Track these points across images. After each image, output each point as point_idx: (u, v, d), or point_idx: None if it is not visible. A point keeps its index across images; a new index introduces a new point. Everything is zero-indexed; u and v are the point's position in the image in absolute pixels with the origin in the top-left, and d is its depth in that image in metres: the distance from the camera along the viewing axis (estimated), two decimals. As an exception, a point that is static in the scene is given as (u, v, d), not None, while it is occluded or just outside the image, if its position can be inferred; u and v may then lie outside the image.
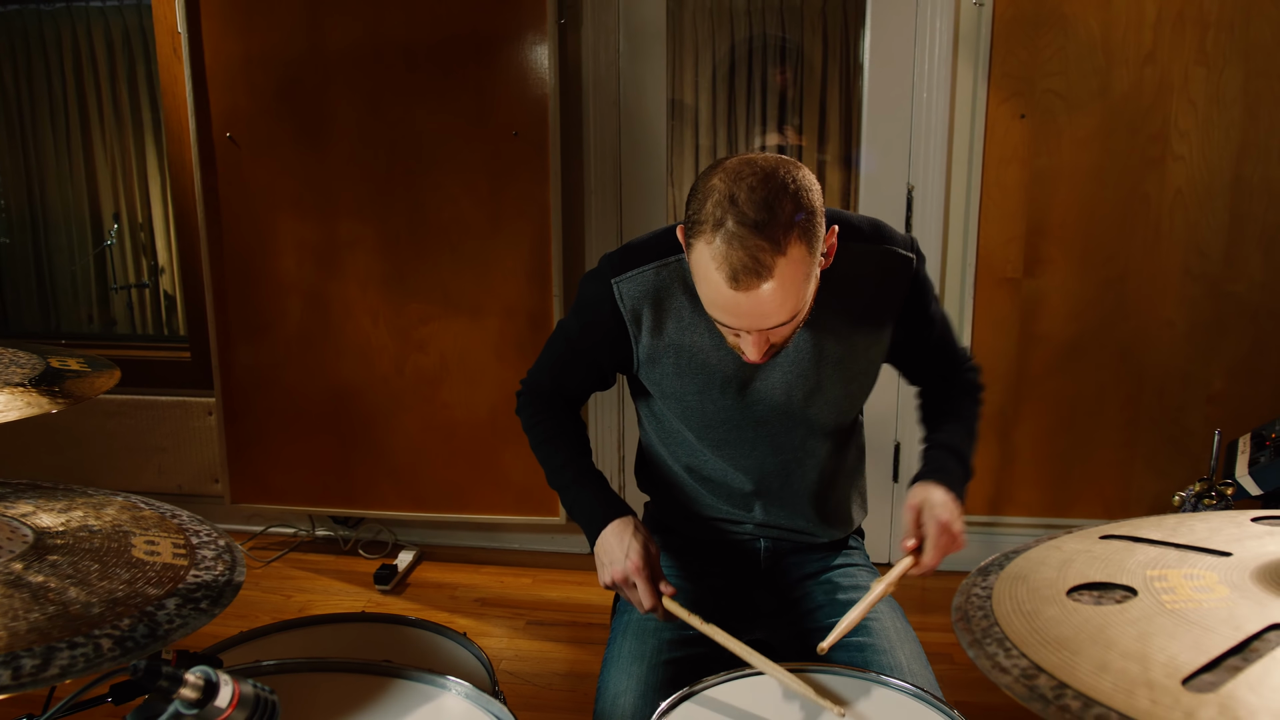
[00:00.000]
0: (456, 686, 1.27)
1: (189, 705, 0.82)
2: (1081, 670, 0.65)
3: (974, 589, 0.83)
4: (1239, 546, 0.81)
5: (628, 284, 1.53)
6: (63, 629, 0.89)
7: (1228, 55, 2.89)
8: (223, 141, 3.27)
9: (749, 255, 1.24)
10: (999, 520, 3.32)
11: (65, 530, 1.09)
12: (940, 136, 3.11)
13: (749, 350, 1.37)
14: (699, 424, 1.61)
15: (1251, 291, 3.04)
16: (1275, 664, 0.63)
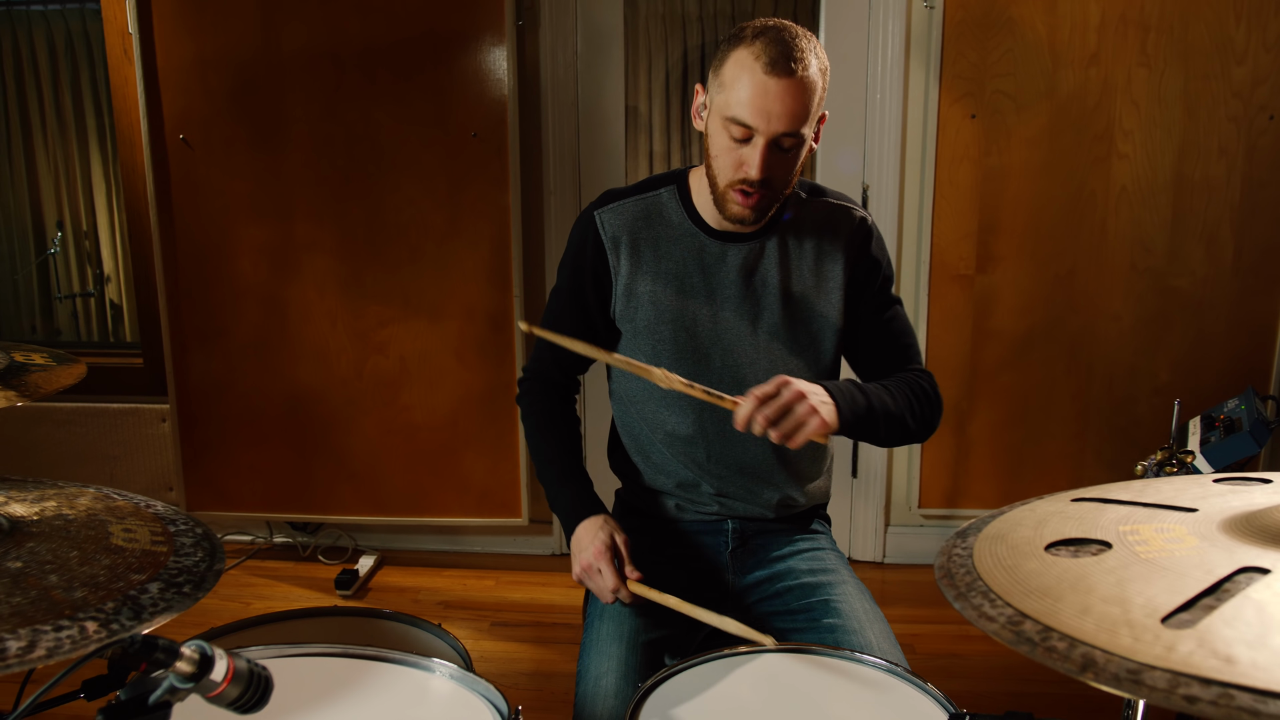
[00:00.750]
0: (442, 668, 1.27)
1: (184, 679, 0.82)
2: (1064, 615, 0.68)
3: (954, 549, 0.86)
4: (1204, 503, 0.85)
5: (609, 213, 1.67)
6: (46, 613, 0.88)
7: (1168, 57, 2.99)
8: (176, 144, 3.22)
9: (786, 49, 1.43)
10: (956, 513, 3.39)
11: (40, 519, 1.07)
12: (894, 136, 3.18)
13: (753, 161, 1.47)
14: (671, 355, 1.66)
15: (1194, 286, 3.14)
16: (1247, 601, 0.66)
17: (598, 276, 1.68)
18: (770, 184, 1.50)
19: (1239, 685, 0.57)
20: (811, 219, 1.66)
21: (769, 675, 1.31)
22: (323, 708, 1.21)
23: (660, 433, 1.73)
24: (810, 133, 1.51)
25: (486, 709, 1.19)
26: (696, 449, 1.71)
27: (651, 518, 1.79)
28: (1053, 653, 0.64)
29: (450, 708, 1.22)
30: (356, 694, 1.23)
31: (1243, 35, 2.96)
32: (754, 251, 1.64)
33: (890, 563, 3.47)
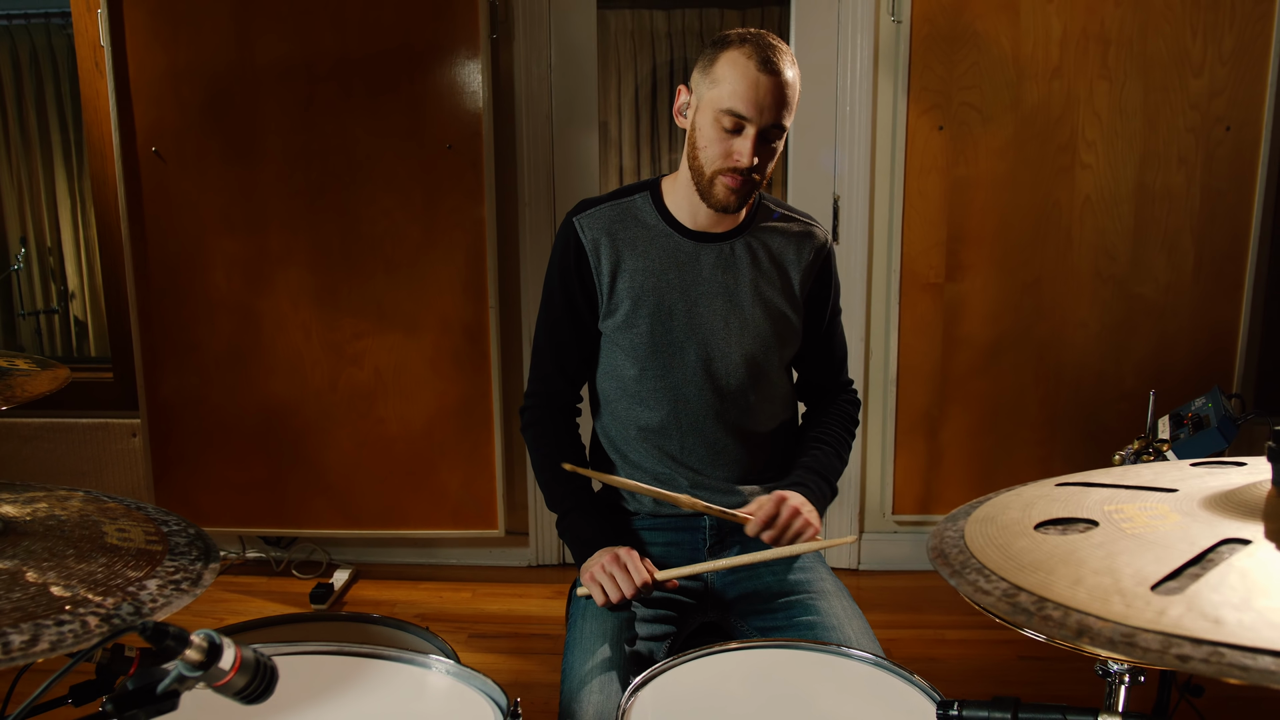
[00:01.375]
0: (439, 664, 1.28)
1: (193, 667, 0.82)
2: (1058, 586, 0.71)
3: (946, 532, 0.88)
4: (1183, 485, 0.88)
5: (587, 218, 1.76)
6: (46, 608, 0.88)
7: (1128, 70, 3.07)
8: (148, 156, 3.21)
9: (774, 51, 1.58)
10: (929, 519, 3.43)
11: (33, 519, 1.07)
12: (864, 148, 3.23)
13: (745, 149, 1.58)
14: (648, 349, 1.73)
15: (1157, 292, 3.22)
16: (1230, 569, 0.69)
17: (583, 279, 1.75)
18: (756, 172, 1.62)
19: (1228, 644, 0.60)
20: (778, 229, 1.78)
21: (757, 670, 1.33)
22: (323, 703, 1.21)
23: (634, 428, 1.79)
24: (787, 131, 1.65)
25: (485, 703, 1.20)
26: (669, 441, 1.77)
27: (631, 514, 1.82)
28: (1048, 621, 0.66)
29: (449, 702, 1.23)
30: (355, 690, 1.24)
31: (1199, 49, 3.05)
32: (725, 251, 1.73)
33: (865, 569, 3.50)
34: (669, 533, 1.78)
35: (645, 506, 1.81)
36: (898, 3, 3.08)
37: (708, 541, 1.77)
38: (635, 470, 1.81)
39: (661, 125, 6.13)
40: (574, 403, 1.87)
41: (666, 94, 6.03)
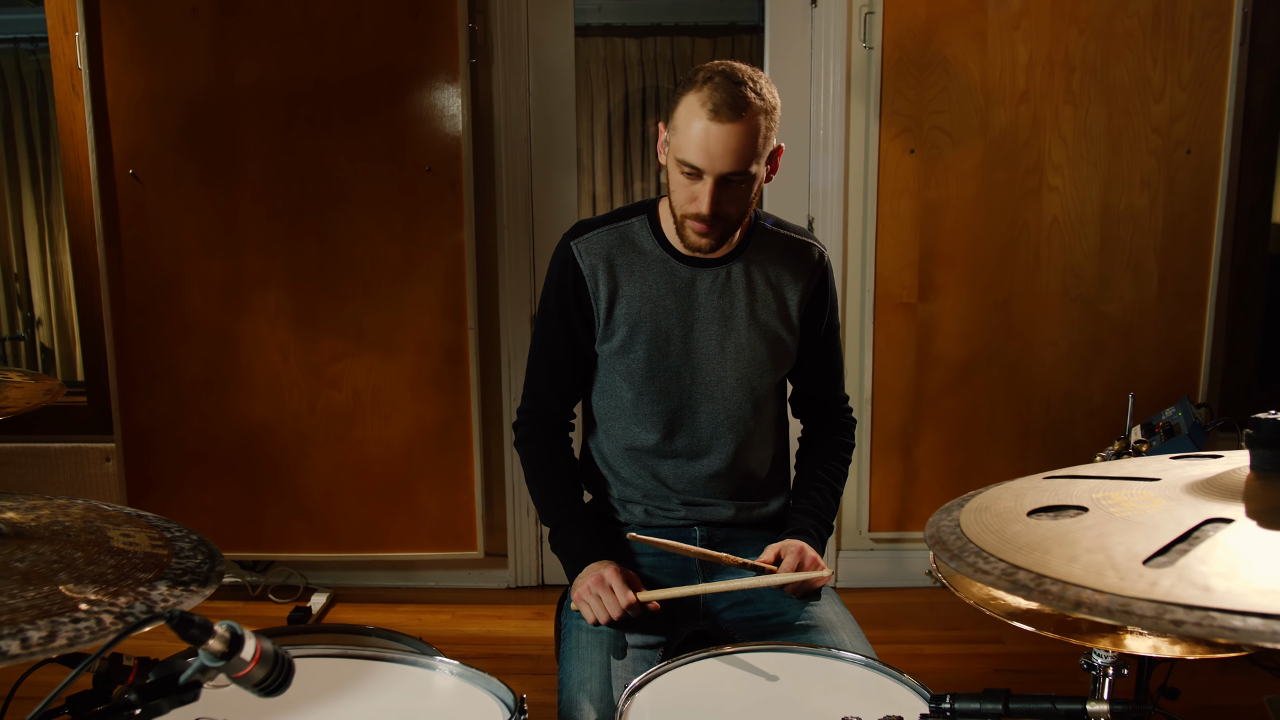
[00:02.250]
0: (444, 665, 1.29)
1: (215, 657, 0.83)
2: (1054, 564, 0.74)
3: (941, 522, 0.92)
4: (1166, 474, 0.92)
5: (585, 244, 1.77)
6: (60, 607, 0.89)
7: (1092, 95, 3.17)
8: (125, 179, 3.21)
9: (730, 96, 1.53)
10: (904, 536, 3.47)
11: (38, 525, 1.07)
12: (837, 171, 3.30)
13: (703, 197, 1.58)
14: (645, 374, 1.75)
15: (1123, 311, 3.30)
16: (1216, 544, 0.73)
17: (580, 303, 1.77)
18: (722, 216, 1.61)
19: (1218, 608, 0.63)
20: (775, 249, 1.79)
21: (751, 672, 1.35)
22: (331, 703, 1.22)
23: (629, 448, 1.81)
24: (760, 169, 1.62)
25: (492, 701, 1.21)
26: (663, 463, 1.79)
27: (621, 525, 1.84)
28: (1047, 595, 0.70)
29: (457, 700, 1.24)
30: (362, 690, 1.25)
31: (1160, 75, 3.15)
32: (721, 277, 1.75)
33: (842, 586, 3.53)
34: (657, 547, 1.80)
35: (636, 518, 1.83)
36: (869, 29, 3.16)
37: None
38: (626, 487, 1.84)
39: (633, 152, 6.20)
40: (567, 419, 1.89)
41: (638, 121, 6.11)
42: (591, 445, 1.90)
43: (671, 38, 6.03)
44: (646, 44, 6.14)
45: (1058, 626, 1.05)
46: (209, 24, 3.13)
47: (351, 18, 3.13)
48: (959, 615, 3.28)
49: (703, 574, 1.77)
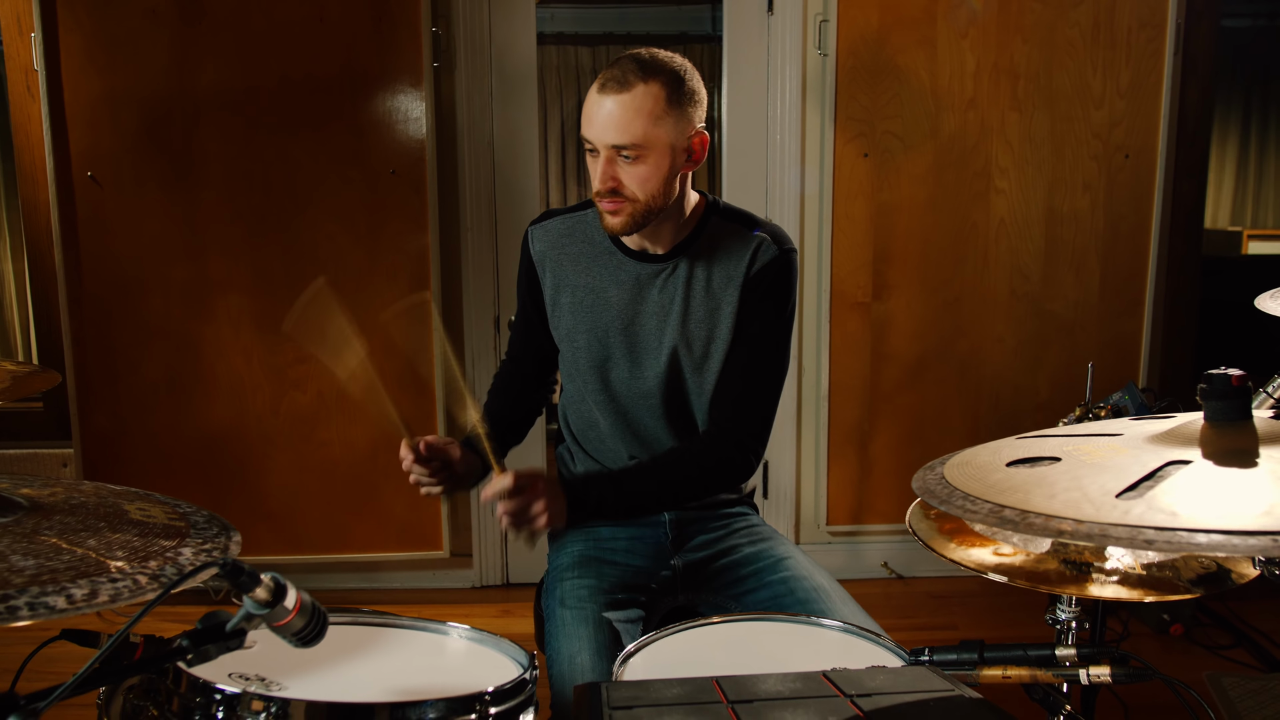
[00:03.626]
0: (456, 630, 1.34)
1: (260, 605, 0.87)
2: (1035, 501, 0.81)
3: (927, 476, 0.99)
4: (1128, 430, 1.01)
5: (538, 230, 1.84)
6: (95, 568, 0.92)
7: (1036, 102, 3.31)
8: (83, 181, 3.19)
9: (621, 71, 1.57)
10: (862, 529, 3.56)
11: (55, 500, 1.10)
12: (793, 175, 3.39)
13: (595, 172, 1.62)
14: (587, 362, 1.79)
15: (1067, 309, 3.44)
16: (1179, 480, 0.81)
17: (532, 287, 1.86)
18: (621, 194, 1.61)
19: (1183, 528, 0.71)
20: (722, 242, 1.74)
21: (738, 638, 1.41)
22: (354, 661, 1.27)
23: (593, 431, 1.88)
24: (663, 145, 1.59)
25: (505, 658, 1.26)
26: (620, 448, 1.85)
27: None
28: (1033, 526, 0.77)
29: (472, 658, 1.31)
30: (382, 650, 1.31)
31: (1099, 83, 3.30)
32: (667, 272, 1.75)
33: (802, 580, 3.61)
34: (631, 529, 1.85)
35: None
36: (824, 36, 3.26)
37: (669, 535, 1.85)
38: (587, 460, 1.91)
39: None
40: (539, 374, 1.95)
41: (593, 129, 6.17)
42: (562, 424, 1.98)
43: (624, 46, 6.11)
44: (599, 52, 6.22)
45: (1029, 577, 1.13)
46: (169, 26, 3.14)
47: (315, 21, 3.16)
48: (914, 604, 3.39)
49: (674, 551, 1.83)
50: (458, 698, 1.04)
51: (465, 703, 1.03)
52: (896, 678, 1.01)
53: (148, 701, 1.04)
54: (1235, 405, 0.89)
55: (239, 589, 0.87)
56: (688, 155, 1.66)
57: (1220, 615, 3.18)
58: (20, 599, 0.84)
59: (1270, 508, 0.72)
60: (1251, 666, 2.91)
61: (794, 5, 3.27)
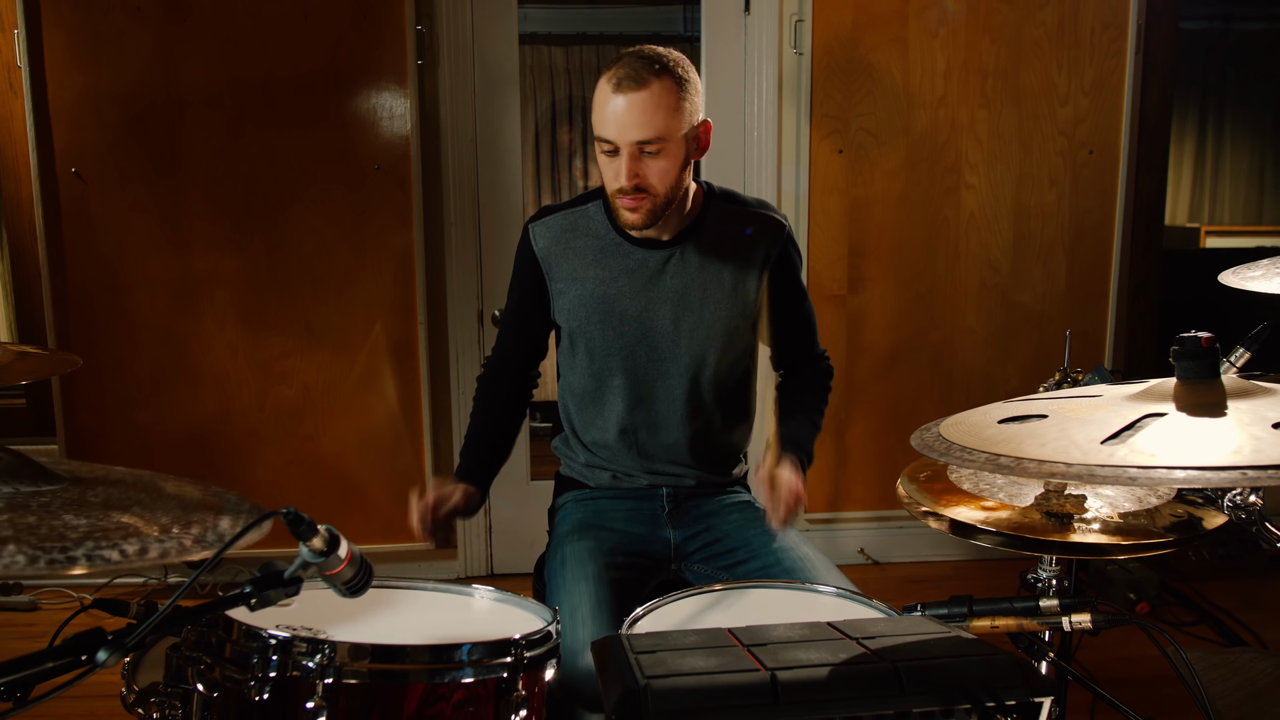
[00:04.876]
0: (481, 591, 1.40)
1: (316, 554, 0.93)
2: (1027, 449, 0.89)
3: (924, 434, 1.06)
4: (1106, 393, 1.09)
5: (540, 227, 1.87)
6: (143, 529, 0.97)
7: (1004, 99, 3.42)
8: (67, 177, 3.20)
9: (632, 69, 1.63)
10: (839, 516, 3.65)
11: (93, 475, 1.14)
12: (770, 171, 3.47)
13: (621, 171, 1.66)
14: (602, 352, 1.86)
15: (1035, 300, 3.55)
16: (1156, 429, 0.89)
17: (536, 284, 1.89)
18: (646, 189, 1.68)
19: (1162, 465, 0.79)
20: (730, 226, 1.85)
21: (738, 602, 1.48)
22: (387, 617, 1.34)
23: (593, 421, 1.93)
24: (677, 139, 1.67)
25: (530, 614, 1.33)
26: (629, 440, 1.91)
27: (591, 488, 1.97)
28: (1027, 470, 0.84)
29: (499, 614, 1.38)
30: (411, 608, 1.38)
31: (1064, 81, 3.41)
32: (675, 257, 1.83)
33: (781, 567, 3.70)
34: (629, 501, 1.92)
35: (604, 481, 1.95)
36: (799, 36, 3.35)
37: (666, 508, 1.92)
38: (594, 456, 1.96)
39: (560, 158, 6.31)
40: (528, 370, 2.01)
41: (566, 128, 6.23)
42: (563, 415, 2.01)
43: (597, 46, 6.18)
44: (573, 52, 6.27)
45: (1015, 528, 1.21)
46: (154, 23, 3.16)
47: (299, 18, 3.20)
48: (890, 589, 3.48)
49: (670, 522, 1.89)
50: (494, 642, 1.10)
51: (500, 647, 1.10)
52: (896, 625, 1.09)
53: (199, 653, 1.09)
54: (1205, 364, 0.97)
55: (299, 537, 0.93)
56: (697, 144, 1.74)
57: (1184, 594, 3.30)
58: (78, 550, 0.89)
59: (1238, 448, 0.81)
60: (1214, 642, 3.03)
61: (770, 5, 3.36)
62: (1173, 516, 1.42)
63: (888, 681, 0.91)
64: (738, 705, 0.87)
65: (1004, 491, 1.43)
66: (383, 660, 1.07)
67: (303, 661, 1.05)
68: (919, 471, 1.55)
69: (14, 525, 0.91)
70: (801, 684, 0.89)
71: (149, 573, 3.55)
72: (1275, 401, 0.91)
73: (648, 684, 0.88)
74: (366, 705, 1.07)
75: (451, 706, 1.07)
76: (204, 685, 1.08)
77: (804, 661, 0.94)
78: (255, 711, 1.06)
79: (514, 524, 3.57)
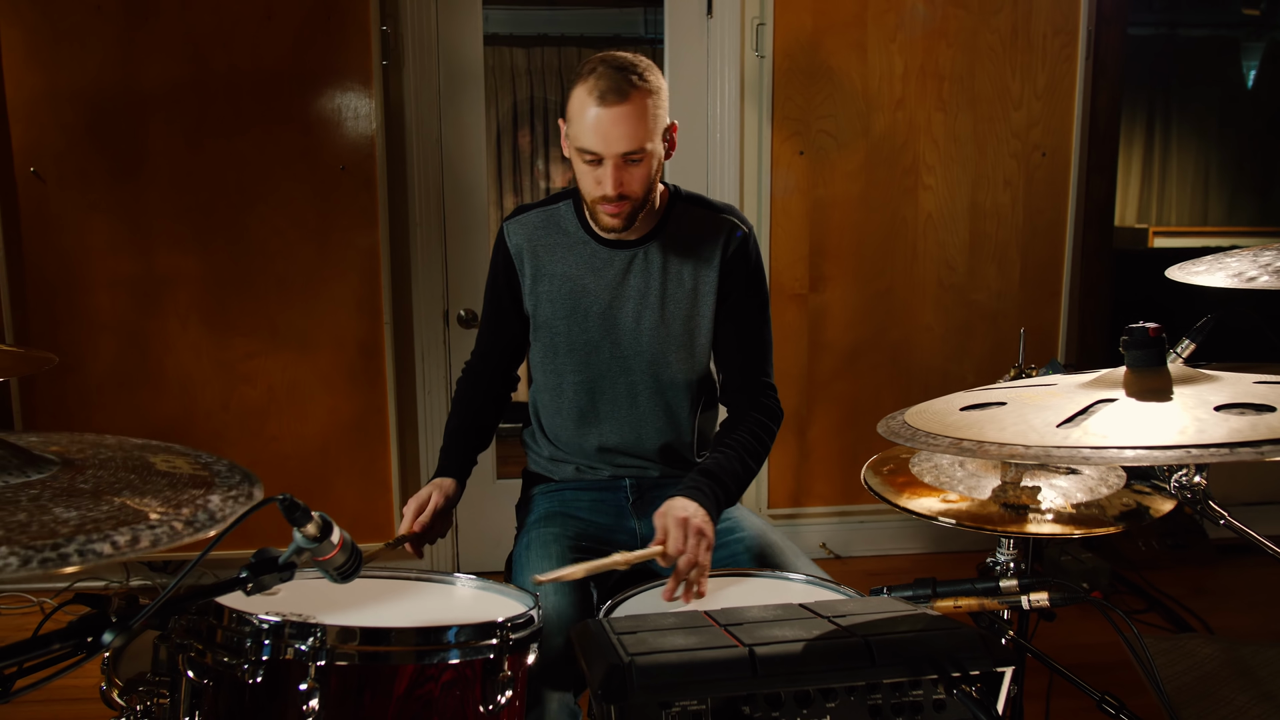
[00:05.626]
0: (464, 580, 1.43)
1: (309, 540, 0.96)
2: (989, 433, 0.94)
3: (891, 422, 1.11)
4: (1060, 381, 1.15)
5: (514, 225, 1.93)
6: (135, 517, 0.99)
7: (960, 103, 3.50)
8: (26, 176, 3.17)
9: (614, 82, 1.65)
10: (801, 511, 3.72)
11: (84, 456, 1.16)
12: (733, 172, 3.53)
13: (607, 180, 1.69)
14: (566, 347, 1.90)
15: (990, 299, 3.64)
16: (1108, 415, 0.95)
17: (509, 280, 1.94)
18: (628, 196, 1.73)
19: (1112, 445, 0.84)
20: (691, 227, 1.89)
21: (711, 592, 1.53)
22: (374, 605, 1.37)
23: (558, 415, 1.97)
24: (654, 146, 1.72)
25: (512, 601, 1.36)
26: (589, 430, 1.96)
27: (556, 481, 2.01)
28: (989, 451, 0.90)
29: (484, 601, 1.41)
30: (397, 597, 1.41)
31: (1018, 85, 3.51)
32: (640, 256, 1.88)
33: (745, 562, 3.75)
34: (594, 493, 1.96)
35: (568, 474, 1.99)
36: (761, 39, 3.41)
37: (630, 498, 1.96)
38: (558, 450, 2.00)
39: (522, 160, 6.33)
40: (504, 371, 2.03)
41: (527, 129, 6.25)
42: (530, 410, 2.07)
43: (559, 48, 6.21)
44: (534, 54, 6.30)
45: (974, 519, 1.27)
46: (115, 21, 3.14)
47: (262, 18, 3.19)
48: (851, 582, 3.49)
49: (635, 513, 1.94)
50: (481, 624, 1.14)
51: (486, 629, 1.13)
52: (865, 604, 1.14)
53: (191, 639, 1.11)
54: (1152, 353, 1.03)
55: (294, 523, 0.96)
56: (669, 146, 1.79)
57: (1134, 583, 3.40)
58: (70, 546, 0.91)
59: (1183, 429, 0.86)
60: (1163, 628, 3.13)
61: (732, 9, 3.41)
62: (1123, 505, 1.49)
63: (859, 654, 0.96)
64: (719, 678, 0.91)
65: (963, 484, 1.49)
66: (373, 643, 1.10)
67: (295, 645, 1.07)
68: (882, 465, 1.61)
69: (4, 524, 0.93)
70: (778, 658, 0.94)
71: (110, 576, 3.52)
72: (1217, 387, 0.98)
73: (632, 660, 0.92)
74: (357, 686, 1.10)
75: (440, 687, 1.10)
76: (194, 671, 1.10)
77: (779, 638, 0.98)
78: (248, 694, 1.08)
79: (480, 522, 3.59)
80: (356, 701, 1.10)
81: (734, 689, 0.91)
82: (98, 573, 3.51)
